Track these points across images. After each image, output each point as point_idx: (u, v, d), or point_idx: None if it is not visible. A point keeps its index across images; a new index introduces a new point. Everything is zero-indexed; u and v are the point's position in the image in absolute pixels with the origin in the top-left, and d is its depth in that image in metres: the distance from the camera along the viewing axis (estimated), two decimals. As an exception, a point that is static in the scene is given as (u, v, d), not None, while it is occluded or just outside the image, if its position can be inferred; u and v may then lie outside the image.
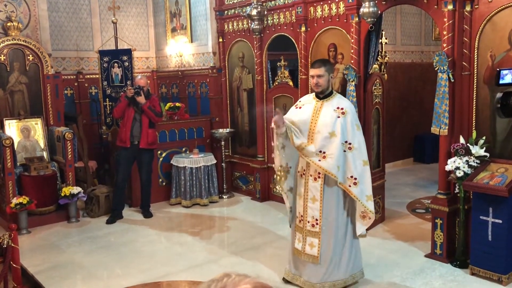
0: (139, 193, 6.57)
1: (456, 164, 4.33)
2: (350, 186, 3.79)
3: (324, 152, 3.76)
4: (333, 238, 3.88)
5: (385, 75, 7.70)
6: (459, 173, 4.30)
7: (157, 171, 6.99)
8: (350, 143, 3.78)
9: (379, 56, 7.59)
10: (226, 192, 7.28)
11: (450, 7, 4.41)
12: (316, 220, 3.89)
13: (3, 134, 6.01)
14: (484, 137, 4.36)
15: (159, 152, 6.97)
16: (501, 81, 4.05)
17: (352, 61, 5.36)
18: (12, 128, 6.37)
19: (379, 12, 4.96)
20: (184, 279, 4.42)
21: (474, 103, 4.44)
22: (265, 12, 6.49)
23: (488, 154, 4.32)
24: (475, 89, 4.43)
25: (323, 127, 3.78)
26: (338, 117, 3.79)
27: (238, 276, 1.14)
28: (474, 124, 4.46)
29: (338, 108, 3.83)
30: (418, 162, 9.41)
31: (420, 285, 4.15)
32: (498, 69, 4.09)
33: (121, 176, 6.28)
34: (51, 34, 7.30)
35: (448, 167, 4.41)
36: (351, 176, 3.79)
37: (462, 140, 4.44)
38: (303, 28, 6.00)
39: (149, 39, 8.80)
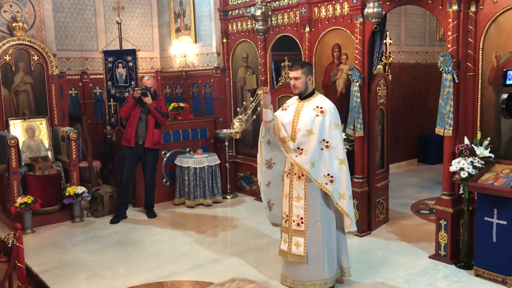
0: (143, 193, 6.58)
1: (461, 165, 4.31)
2: (326, 184, 3.84)
3: (301, 149, 3.84)
4: (319, 236, 3.90)
5: (390, 75, 7.69)
6: (464, 174, 4.29)
7: (161, 171, 7.01)
8: (327, 142, 3.84)
9: (383, 57, 7.57)
10: (230, 193, 7.29)
11: (455, 7, 4.40)
12: (301, 218, 3.93)
13: (8, 134, 6.04)
14: (488, 138, 4.34)
15: (163, 152, 6.99)
16: (508, 82, 4.04)
17: (356, 62, 5.35)
18: (17, 128, 6.40)
19: (384, 12, 4.95)
20: (188, 279, 4.43)
21: (479, 104, 4.43)
22: (269, 13, 6.49)
23: (492, 155, 4.31)
24: (479, 90, 4.41)
25: (303, 125, 3.87)
26: (317, 115, 3.86)
27: (242, 281, 1.14)
28: (478, 125, 4.45)
29: (317, 107, 3.91)
30: (422, 163, 9.39)
31: (424, 286, 4.14)
32: (505, 70, 4.08)
33: (126, 176, 6.30)
34: (56, 34, 7.33)
35: (452, 168, 4.40)
36: (328, 174, 3.84)
37: (466, 141, 4.43)
38: (307, 29, 5.99)
39: (153, 40, 8.82)
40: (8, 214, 6.11)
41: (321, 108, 3.89)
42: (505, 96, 4.02)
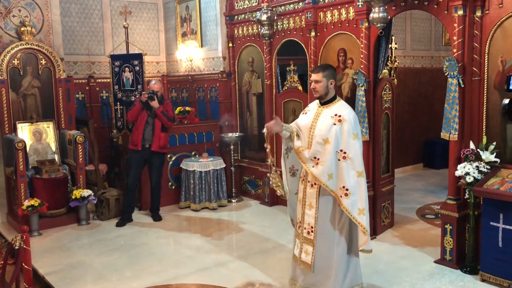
0: (149, 196, 6.61)
1: (466, 170, 4.31)
2: (341, 196, 3.65)
3: (318, 159, 3.68)
4: (328, 247, 3.77)
5: (395, 80, 7.67)
6: (469, 179, 4.29)
7: (167, 174, 7.04)
8: (345, 152, 3.63)
9: (389, 61, 7.57)
10: (235, 196, 7.31)
11: (460, 12, 4.41)
12: (312, 227, 3.81)
13: (15, 137, 6.09)
14: (494, 143, 4.34)
15: (169, 155, 7.01)
16: (511, 87, 4.04)
17: (361, 66, 5.37)
18: (25, 131, 6.45)
19: (389, 17, 4.96)
20: (193, 282, 4.44)
21: (485, 108, 4.42)
22: (275, 17, 6.52)
23: (498, 160, 4.30)
24: (485, 94, 4.41)
25: (318, 132, 3.71)
26: (334, 124, 3.66)
27: (262, 285, 1.16)
28: (484, 129, 4.45)
29: (335, 115, 3.71)
30: (428, 168, 9.37)
31: (429, 291, 4.14)
32: (508, 75, 4.08)
33: (132, 179, 6.34)
34: (63, 38, 7.40)
35: (458, 173, 4.39)
36: (343, 187, 3.64)
37: (472, 146, 4.43)
38: (312, 33, 6.02)
39: (159, 44, 8.88)
40: (15, 216, 6.16)
41: (340, 116, 3.68)
42: (506, 101, 4.02)
